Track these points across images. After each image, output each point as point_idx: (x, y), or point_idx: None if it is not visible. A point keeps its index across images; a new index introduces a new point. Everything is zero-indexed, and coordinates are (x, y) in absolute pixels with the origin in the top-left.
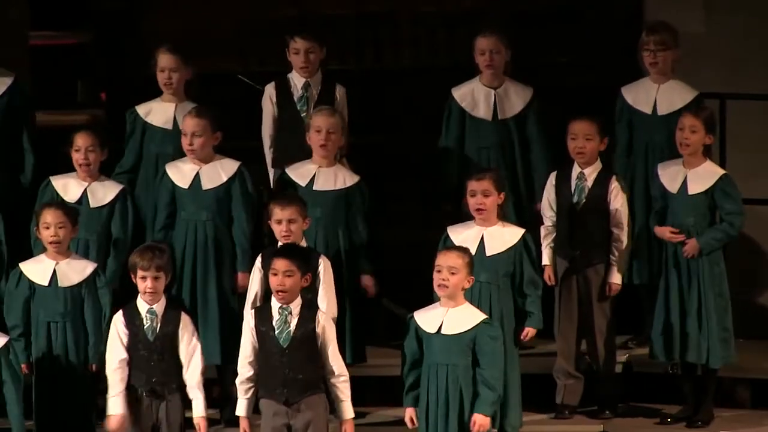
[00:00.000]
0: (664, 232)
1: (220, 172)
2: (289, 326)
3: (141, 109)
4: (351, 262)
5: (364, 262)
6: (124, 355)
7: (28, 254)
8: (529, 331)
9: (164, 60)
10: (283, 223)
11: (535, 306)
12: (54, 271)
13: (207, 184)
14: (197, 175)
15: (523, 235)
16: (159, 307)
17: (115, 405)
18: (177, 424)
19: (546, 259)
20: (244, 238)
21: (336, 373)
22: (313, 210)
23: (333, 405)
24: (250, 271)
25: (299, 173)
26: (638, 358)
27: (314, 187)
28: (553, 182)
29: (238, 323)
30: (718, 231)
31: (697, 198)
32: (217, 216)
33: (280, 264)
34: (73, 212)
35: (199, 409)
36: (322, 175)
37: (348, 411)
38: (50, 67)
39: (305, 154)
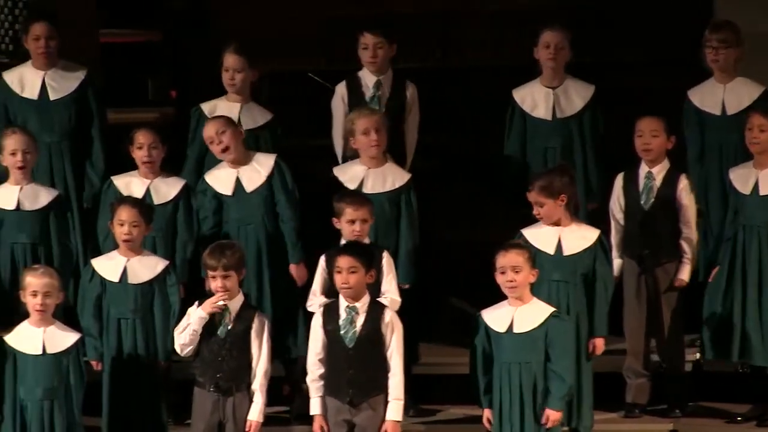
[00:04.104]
0: None
1: (258, 170)
2: (355, 326)
3: (205, 107)
4: (398, 263)
5: (407, 269)
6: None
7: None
8: (596, 343)
9: (229, 60)
10: (356, 223)
11: (600, 314)
12: (125, 268)
13: (249, 186)
14: (237, 180)
15: (599, 237)
16: (233, 305)
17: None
18: (243, 422)
19: (617, 270)
20: (293, 230)
21: (390, 372)
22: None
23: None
24: (303, 262)
25: (348, 176)
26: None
27: (363, 190)
28: (621, 183)
29: (296, 320)
30: None
31: None
32: (265, 215)
33: (343, 261)
34: (148, 211)
35: (254, 412)
36: (371, 177)
37: (392, 412)
38: (121, 65)
39: None
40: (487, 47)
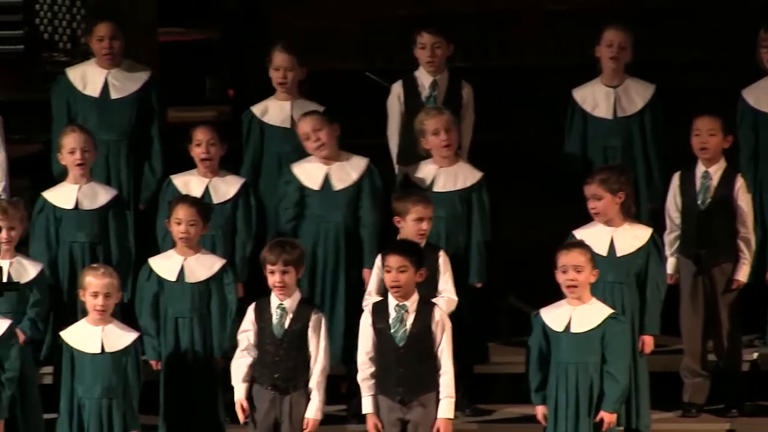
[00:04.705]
0: None
1: (349, 171)
2: (405, 325)
3: (256, 110)
4: (470, 261)
5: (478, 266)
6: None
7: (154, 248)
8: (645, 341)
9: (279, 59)
10: (424, 221)
11: (652, 312)
12: (182, 266)
13: (338, 184)
14: (327, 176)
15: (651, 235)
16: (290, 303)
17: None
18: (299, 421)
19: (670, 268)
20: (372, 235)
21: (441, 370)
22: (435, 210)
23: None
24: None
25: (420, 174)
26: (765, 357)
27: (435, 189)
28: (677, 183)
29: None
30: None
31: None
32: (347, 216)
33: (393, 260)
34: (206, 210)
35: (311, 410)
36: (443, 175)
37: (443, 410)
38: (179, 64)
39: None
40: (546, 46)
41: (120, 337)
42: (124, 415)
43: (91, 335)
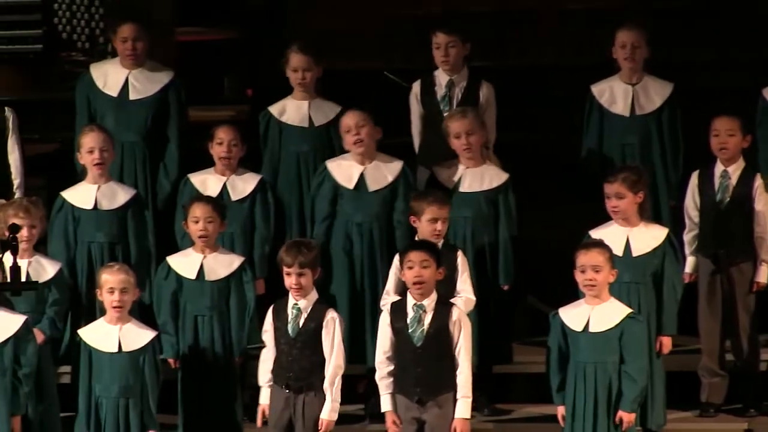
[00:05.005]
0: None
1: (385, 172)
2: (423, 324)
3: (274, 110)
4: (497, 262)
5: (506, 268)
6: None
7: (172, 249)
8: (662, 342)
9: (296, 60)
10: (438, 222)
11: (669, 312)
12: (201, 264)
13: (373, 185)
14: (362, 176)
15: (667, 235)
16: (305, 303)
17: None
18: (312, 421)
19: (689, 267)
20: (405, 236)
21: (458, 370)
22: (461, 210)
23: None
24: None
25: (446, 174)
26: None
27: (461, 189)
28: (696, 182)
29: None
30: None
31: None
32: (381, 217)
33: (415, 255)
34: (222, 207)
35: (325, 410)
36: (469, 176)
37: (461, 410)
38: (197, 63)
39: (450, 151)
40: (564, 46)
41: (138, 336)
42: (141, 415)
43: (109, 334)
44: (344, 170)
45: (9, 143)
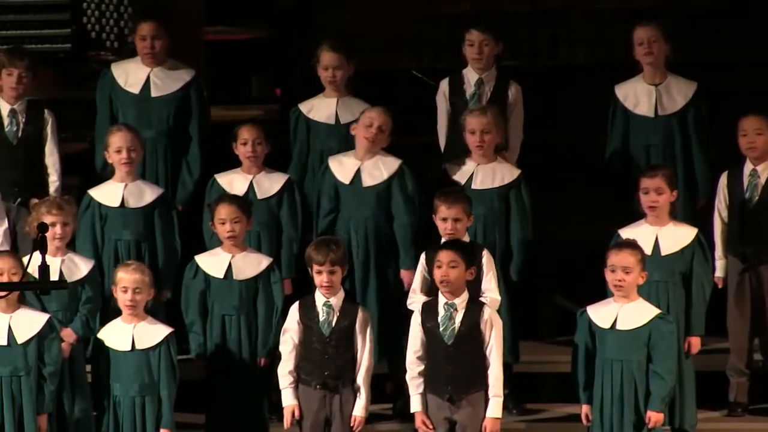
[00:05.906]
0: None
1: (381, 169)
2: (454, 323)
3: (303, 107)
4: (509, 259)
5: (519, 265)
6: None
7: (193, 246)
8: (691, 342)
9: (327, 58)
10: (448, 221)
11: (698, 313)
12: (229, 264)
13: (368, 181)
14: (358, 171)
15: (696, 235)
16: (336, 300)
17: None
18: (350, 418)
19: (720, 271)
20: (406, 235)
21: (489, 369)
22: (473, 207)
23: None
24: (414, 268)
25: (458, 172)
26: None
27: (473, 186)
28: (725, 182)
29: (399, 320)
30: None
31: None
32: (377, 213)
33: (444, 256)
34: (247, 206)
35: (358, 407)
36: (481, 173)
37: (492, 409)
38: (225, 63)
39: None
40: (594, 45)
41: (152, 334)
42: (157, 413)
43: (123, 333)
44: (343, 166)
45: (48, 145)
